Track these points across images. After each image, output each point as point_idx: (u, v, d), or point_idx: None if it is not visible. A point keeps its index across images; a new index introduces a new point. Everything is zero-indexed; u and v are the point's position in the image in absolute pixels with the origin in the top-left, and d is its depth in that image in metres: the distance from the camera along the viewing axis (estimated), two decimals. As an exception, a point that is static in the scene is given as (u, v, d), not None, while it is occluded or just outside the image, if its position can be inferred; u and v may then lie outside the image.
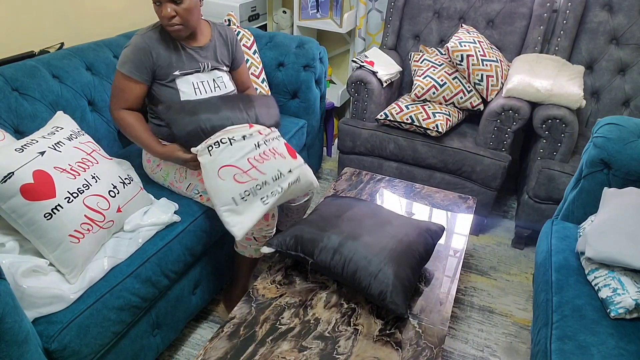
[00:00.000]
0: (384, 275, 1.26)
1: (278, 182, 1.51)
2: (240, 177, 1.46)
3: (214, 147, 1.46)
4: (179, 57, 1.59)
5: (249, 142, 1.50)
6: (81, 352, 1.17)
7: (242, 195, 1.46)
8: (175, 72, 1.58)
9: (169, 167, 1.64)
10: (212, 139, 1.48)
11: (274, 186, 1.51)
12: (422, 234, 1.42)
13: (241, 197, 1.46)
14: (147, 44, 1.53)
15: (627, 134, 1.49)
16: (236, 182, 1.45)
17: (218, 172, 1.45)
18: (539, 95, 1.99)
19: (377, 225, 1.43)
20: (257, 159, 1.49)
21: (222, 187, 1.45)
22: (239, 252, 1.66)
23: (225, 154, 1.46)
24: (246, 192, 1.46)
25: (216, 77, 1.69)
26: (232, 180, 1.45)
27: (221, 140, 1.47)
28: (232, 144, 1.48)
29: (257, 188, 1.48)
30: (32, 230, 1.19)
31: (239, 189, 1.45)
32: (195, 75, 1.63)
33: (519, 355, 1.70)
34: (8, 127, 1.49)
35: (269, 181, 1.49)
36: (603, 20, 2.21)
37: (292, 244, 1.40)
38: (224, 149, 1.46)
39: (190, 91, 1.61)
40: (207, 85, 1.66)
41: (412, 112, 2.14)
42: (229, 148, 1.47)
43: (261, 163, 1.49)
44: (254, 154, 1.49)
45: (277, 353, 1.17)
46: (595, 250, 1.30)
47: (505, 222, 2.42)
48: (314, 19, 2.78)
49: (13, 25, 1.71)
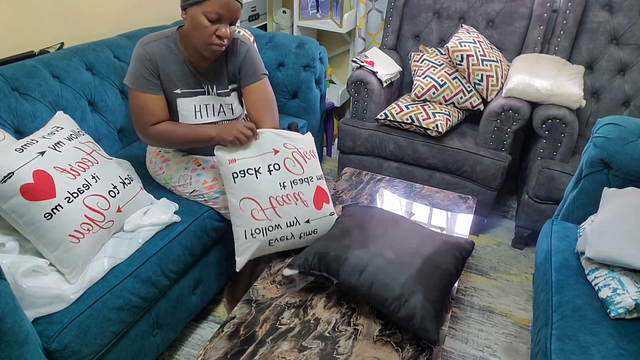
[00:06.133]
0: (414, 300, 1.19)
1: (291, 230, 1.47)
2: (257, 214, 1.44)
3: (239, 175, 1.43)
4: (183, 75, 1.51)
5: (275, 178, 1.45)
6: (81, 352, 1.17)
7: (253, 233, 1.45)
8: (176, 90, 1.51)
9: (171, 171, 1.63)
10: (237, 167, 1.43)
11: (285, 232, 1.47)
12: (451, 251, 1.36)
13: (251, 234, 1.45)
14: (150, 55, 1.45)
15: (627, 134, 1.49)
16: (252, 218, 1.44)
17: (240, 202, 1.44)
18: (539, 95, 1.99)
19: (403, 239, 1.37)
20: (278, 200, 1.45)
21: (241, 216, 1.45)
22: None
23: (250, 186, 1.43)
24: (257, 229, 1.44)
25: (224, 103, 1.60)
26: (250, 215, 1.44)
27: (247, 170, 1.43)
28: (258, 177, 1.44)
29: (269, 230, 1.45)
30: (32, 230, 1.19)
31: (253, 225, 1.44)
32: (198, 97, 1.55)
33: (519, 355, 1.70)
34: (8, 127, 1.49)
35: (282, 225, 1.46)
36: (603, 20, 2.21)
37: (316, 263, 1.33)
38: (250, 180, 1.43)
39: (191, 115, 1.55)
40: (210, 109, 1.58)
41: (412, 112, 2.14)
42: (254, 180, 1.43)
43: (281, 205, 1.45)
44: (277, 194, 1.45)
45: (277, 353, 1.17)
46: (595, 250, 1.30)
47: (505, 222, 2.42)
48: (314, 19, 2.78)
49: (13, 25, 1.71)
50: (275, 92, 2.29)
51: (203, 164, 1.63)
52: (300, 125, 2.25)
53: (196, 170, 1.61)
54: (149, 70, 1.46)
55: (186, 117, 1.55)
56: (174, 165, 1.63)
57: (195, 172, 1.61)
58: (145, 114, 1.48)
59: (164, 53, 1.48)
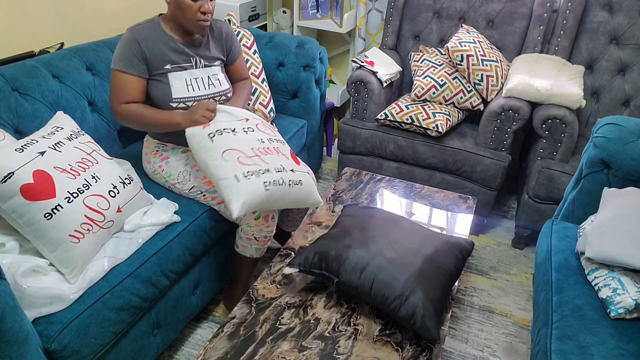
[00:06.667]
0: (414, 298, 1.19)
1: (281, 175, 1.46)
2: (244, 160, 1.43)
3: (216, 134, 1.46)
4: (170, 51, 1.59)
5: (252, 136, 1.51)
6: (81, 352, 1.17)
7: (245, 174, 1.40)
8: (166, 66, 1.59)
9: (171, 168, 1.64)
10: (212, 128, 1.47)
11: (276, 176, 1.45)
12: (451, 251, 1.36)
13: (244, 176, 1.40)
14: (135, 37, 1.54)
15: (627, 134, 1.49)
16: (240, 163, 1.42)
17: (222, 154, 1.42)
18: (539, 95, 1.99)
19: (403, 239, 1.37)
20: (260, 150, 1.49)
21: (226, 166, 1.41)
22: (239, 252, 1.66)
23: (229, 141, 1.46)
24: (249, 172, 1.41)
25: (211, 75, 1.69)
26: (236, 161, 1.42)
27: (224, 129, 1.47)
28: (235, 135, 1.48)
29: (260, 172, 1.43)
30: (32, 230, 1.19)
31: (242, 168, 1.41)
32: (188, 71, 1.63)
33: (519, 355, 1.70)
34: (8, 127, 1.49)
35: (271, 170, 1.46)
36: (603, 20, 2.21)
37: (316, 261, 1.33)
38: (228, 136, 1.46)
39: (183, 87, 1.61)
40: (200, 82, 1.66)
41: (412, 112, 2.14)
42: (232, 136, 1.47)
43: (264, 155, 1.48)
44: (258, 146, 1.50)
45: (277, 353, 1.17)
46: (595, 250, 1.30)
47: (505, 222, 2.42)
48: (314, 19, 2.78)
49: (13, 25, 1.71)
50: (275, 92, 2.31)
51: None
52: (300, 125, 2.25)
53: (196, 167, 1.62)
54: (133, 52, 1.53)
55: (179, 91, 1.61)
56: (173, 163, 1.64)
57: (195, 168, 1.62)
58: (121, 92, 1.55)
59: (150, 33, 1.57)
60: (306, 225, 1.68)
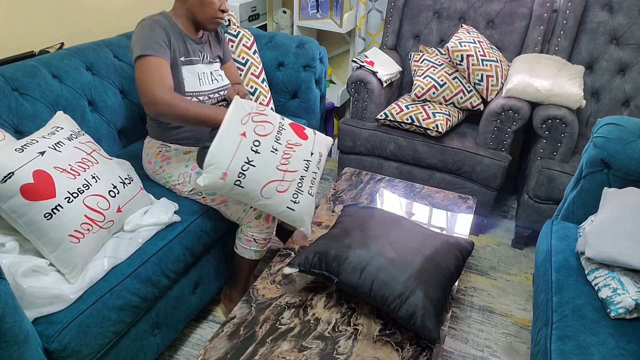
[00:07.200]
0: (414, 298, 1.19)
1: (310, 170, 1.53)
2: (281, 187, 1.44)
3: (239, 178, 1.38)
4: (183, 45, 1.61)
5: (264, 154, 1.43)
6: (81, 352, 1.17)
7: (293, 199, 1.46)
8: (180, 58, 1.59)
9: (172, 169, 1.64)
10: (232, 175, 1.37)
11: (309, 175, 1.52)
12: (451, 251, 1.36)
13: (294, 202, 1.47)
14: (158, 23, 1.52)
15: (627, 134, 1.49)
16: (281, 194, 1.44)
17: (261, 194, 1.42)
18: (539, 95, 1.99)
19: (403, 239, 1.37)
20: (283, 163, 1.46)
21: (275, 205, 1.45)
22: (238, 253, 1.66)
23: (255, 176, 1.40)
24: (294, 195, 1.46)
25: (213, 70, 1.72)
26: (277, 194, 1.44)
27: (242, 168, 1.38)
28: (254, 164, 1.40)
29: (299, 186, 1.48)
30: (32, 230, 1.19)
31: (288, 196, 1.46)
32: (197, 66, 1.65)
33: (519, 355, 1.70)
34: (8, 127, 1.49)
35: (302, 174, 1.50)
36: (603, 20, 2.21)
37: (317, 261, 1.33)
38: (251, 173, 1.40)
39: (194, 81, 1.63)
40: (207, 77, 1.68)
41: (412, 112, 2.14)
42: (254, 169, 1.40)
43: (288, 164, 1.47)
44: (277, 160, 1.45)
45: (277, 353, 1.17)
46: (595, 250, 1.30)
47: (505, 222, 2.42)
48: (314, 19, 2.78)
49: (13, 25, 1.71)
50: (275, 92, 2.31)
51: None
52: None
53: (196, 169, 1.62)
54: (160, 37, 1.50)
55: (191, 84, 1.62)
56: (174, 164, 1.64)
57: (195, 170, 1.61)
58: (163, 77, 1.44)
59: (167, 24, 1.56)
60: (306, 225, 1.68)
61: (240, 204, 1.57)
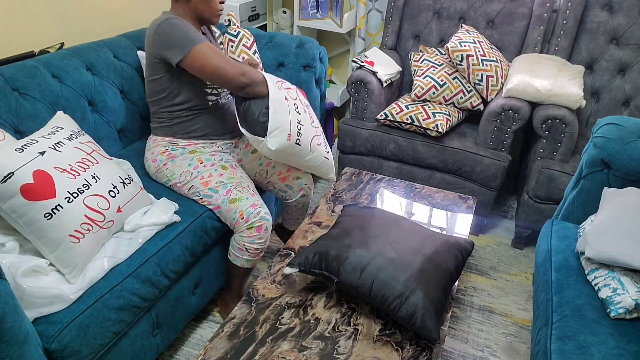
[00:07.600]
0: (414, 298, 1.19)
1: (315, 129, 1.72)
2: (319, 140, 1.71)
3: (299, 139, 1.59)
4: None
5: (303, 114, 1.65)
6: (81, 352, 1.17)
7: (326, 150, 1.76)
8: None
9: (175, 167, 1.64)
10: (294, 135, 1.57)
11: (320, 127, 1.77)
12: (451, 251, 1.36)
13: (326, 152, 1.76)
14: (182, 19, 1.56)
15: (627, 134, 1.49)
16: (320, 147, 1.71)
17: (310, 149, 1.65)
18: (539, 95, 1.99)
19: (403, 239, 1.37)
20: (313, 120, 1.72)
21: (318, 157, 1.70)
22: (231, 260, 1.66)
23: (306, 136, 1.63)
24: (325, 146, 1.76)
25: None
26: (317, 147, 1.69)
27: (298, 128, 1.59)
28: (303, 124, 1.62)
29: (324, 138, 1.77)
30: (32, 230, 1.19)
31: (322, 148, 1.72)
32: None
33: (519, 355, 1.70)
34: (8, 127, 1.49)
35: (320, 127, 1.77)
36: (603, 20, 2.21)
37: (317, 261, 1.33)
38: (304, 133, 1.62)
39: None
40: None
41: (412, 112, 2.14)
42: (304, 129, 1.63)
43: (314, 121, 1.73)
44: (309, 118, 1.68)
45: (277, 353, 1.17)
46: (595, 250, 1.30)
47: (505, 222, 2.42)
48: (314, 19, 2.78)
49: (13, 25, 1.71)
50: (275, 92, 2.31)
51: (205, 162, 1.65)
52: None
53: (197, 168, 1.62)
54: (194, 29, 1.56)
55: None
56: (179, 162, 1.64)
57: (197, 169, 1.62)
58: (223, 56, 1.53)
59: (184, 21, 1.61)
60: (306, 225, 1.68)
61: (231, 211, 1.57)
